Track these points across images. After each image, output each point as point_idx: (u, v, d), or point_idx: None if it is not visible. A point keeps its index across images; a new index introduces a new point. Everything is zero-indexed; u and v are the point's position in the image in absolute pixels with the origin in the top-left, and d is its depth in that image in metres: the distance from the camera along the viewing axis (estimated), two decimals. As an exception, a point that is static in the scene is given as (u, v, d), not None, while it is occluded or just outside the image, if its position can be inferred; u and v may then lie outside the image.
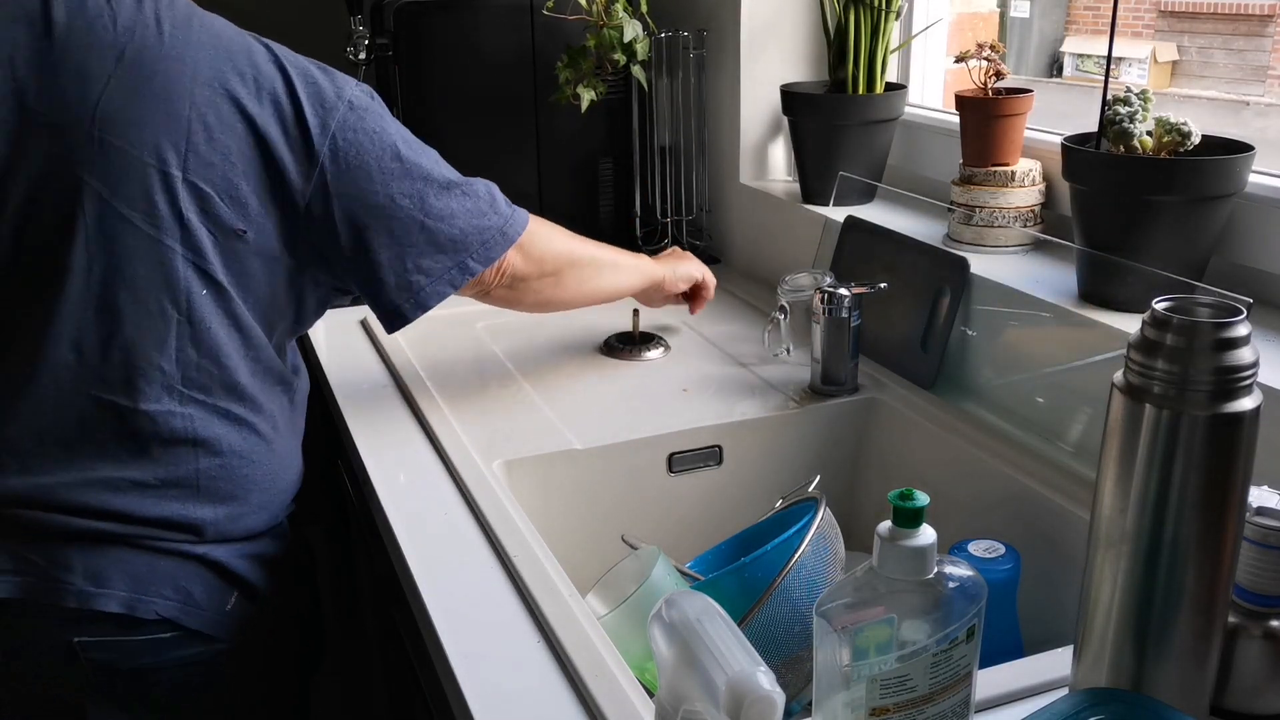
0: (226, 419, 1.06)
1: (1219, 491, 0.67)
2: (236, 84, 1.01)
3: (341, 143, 1.05)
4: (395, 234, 1.09)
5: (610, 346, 1.48)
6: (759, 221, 1.73)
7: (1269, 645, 0.73)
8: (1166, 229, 1.08)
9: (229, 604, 1.08)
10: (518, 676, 0.83)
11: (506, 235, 1.17)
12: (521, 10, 1.71)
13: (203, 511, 1.05)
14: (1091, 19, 7.42)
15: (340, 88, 1.07)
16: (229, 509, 1.07)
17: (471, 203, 1.14)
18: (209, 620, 1.06)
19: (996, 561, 0.96)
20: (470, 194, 1.14)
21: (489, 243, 1.15)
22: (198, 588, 1.05)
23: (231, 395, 1.06)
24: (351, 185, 1.06)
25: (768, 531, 1.06)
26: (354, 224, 1.07)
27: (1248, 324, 0.66)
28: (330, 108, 1.05)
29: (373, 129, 1.07)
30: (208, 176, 1.00)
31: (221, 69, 1.02)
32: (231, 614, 1.08)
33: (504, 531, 1.00)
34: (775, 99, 1.67)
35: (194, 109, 0.99)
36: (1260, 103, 6.74)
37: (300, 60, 1.08)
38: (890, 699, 0.66)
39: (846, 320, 1.27)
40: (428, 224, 1.10)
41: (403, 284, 1.11)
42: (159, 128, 0.99)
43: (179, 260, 1.00)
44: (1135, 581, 0.70)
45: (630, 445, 1.22)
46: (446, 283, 1.14)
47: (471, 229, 1.14)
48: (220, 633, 1.07)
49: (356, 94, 1.08)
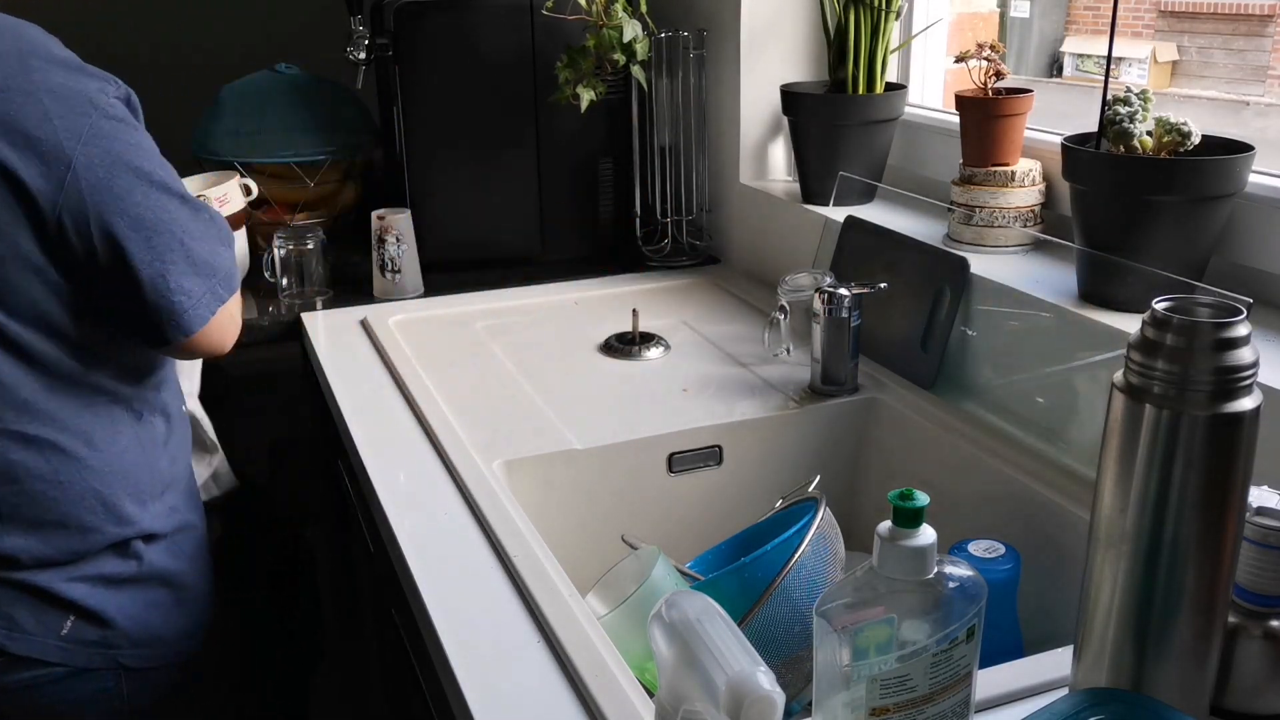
0: (21, 442, 1.02)
1: (1219, 491, 0.67)
2: None
3: (95, 150, 1.00)
4: (156, 248, 1.04)
5: (610, 346, 1.48)
6: (759, 221, 1.73)
7: (1269, 645, 0.73)
8: (1166, 229, 1.08)
9: (63, 629, 1.05)
10: (518, 676, 0.83)
11: (233, 281, 1.15)
12: (521, 10, 1.71)
13: (10, 540, 1.02)
14: (1091, 19, 7.42)
15: (95, 95, 1.02)
16: (41, 535, 1.03)
17: (215, 230, 1.12)
18: (39, 645, 1.04)
19: (996, 561, 0.96)
20: (215, 223, 1.12)
21: (231, 274, 1.13)
22: (22, 613, 1.03)
23: (22, 415, 1.02)
24: (107, 195, 1.01)
25: (768, 531, 1.06)
26: (110, 235, 1.02)
27: (1248, 324, 0.66)
28: (83, 113, 1.00)
29: (129, 140, 1.03)
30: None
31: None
32: (71, 637, 1.05)
33: (504, 531, 1.00)
34: (775, 99, 1.67)
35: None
36: (1260, 103, 6.74)
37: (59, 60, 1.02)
38: (890, 699, 0.66)
39: (846, 320, 1.27)
40: (186, 242, 1.07)
41: (165, 304, 1.06)
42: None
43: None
44: (1135, 581, 0.70)
45: (630, 445, 1.22)
46: (205, 307, 1.09)
47: (220, 254, 1.12)
48: (57, 657, 1.04)
49: (112, 102, 1.03)
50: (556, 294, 1.71)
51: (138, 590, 1.11)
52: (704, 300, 1.67)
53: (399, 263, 1.68)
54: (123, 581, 1.09)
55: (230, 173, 1.75)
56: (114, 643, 1.08)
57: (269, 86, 1.92)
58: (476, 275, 1.77)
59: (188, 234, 1.07)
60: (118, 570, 1.09)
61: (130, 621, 1.09)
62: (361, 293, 1.71)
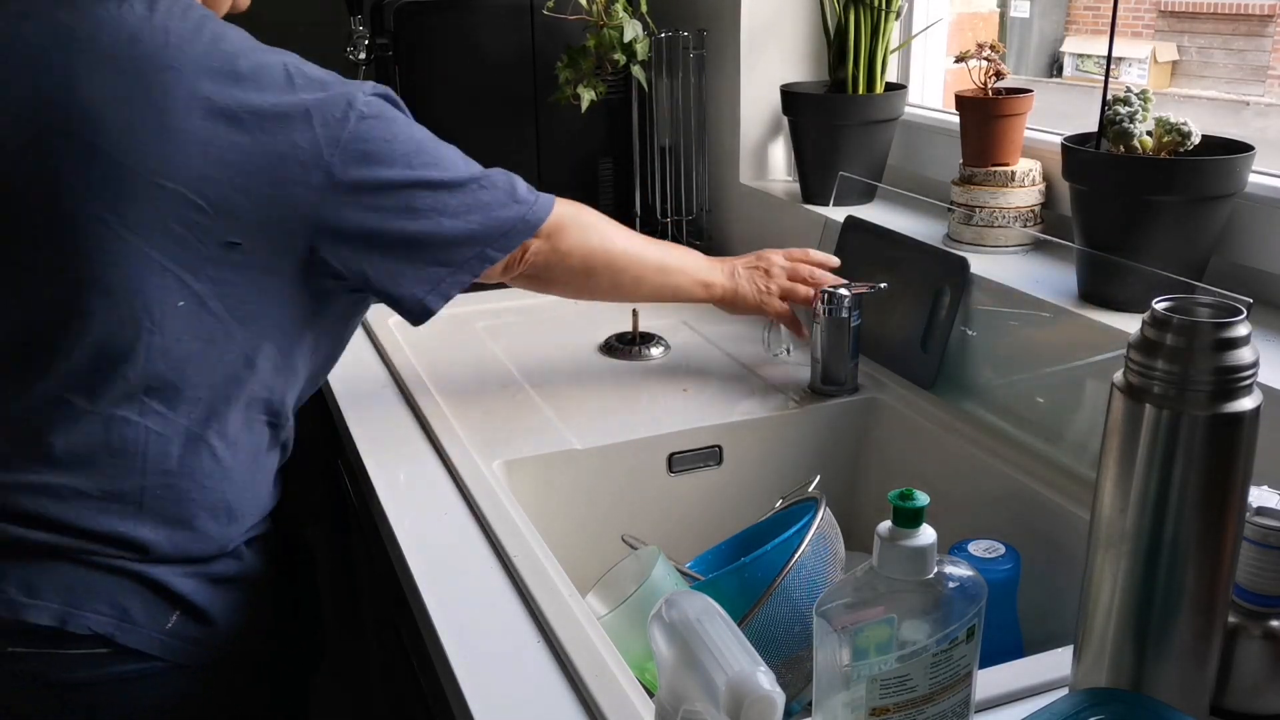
0: (181, 436, 1.03)
1: (1219, 491, 0.67)
2: (236, 97, 0.99)
3: (353, 153, 1.03)
4: (413, 238, 1.08)
5: (610, 346, 1.48)
6: (759, 221, 1.73)
7: (1269, 645, 0.73)
8: (1166, 229, 1.08)
9: (169, 623, 1.05)
10: (518, 676, 0.83)
11: (528, 222, 1.16)
12: (521, 10, 1.71)
13: (143, 531, 1.02)
14: (1091, 19, 7.42)
15: (351, 96, 1.05)
16: (171, 531, 1.04)
17: (489, 194, 1.13)
18: (146, 639, 1.03)
19: (996, 561, 0.96)
20: (488, 186, 1.14)
21: (509, 232, 1.15)
22: (135, 605, 1.03)
23: (194, 413, 1.03)
24: (365, 195, 1.04)
25: (768, 531, 1.06)
26: (369, 234, 1.05)
27: (1248, 324, 0.66)
28: (340, 119, 1.03)
29: (383, 136, 1.05)
30: (199, 188, 0.97)
31: (223, 82, 0.99)
32: (173, 633, 1.05)
33: (504, 531, 1.00)
34: (775, 99, 1.67)
35: (190, 122, 0.97)
36: (1260, 103, 6.74)
37: (310, 70, 1.06)
38: (890, 699, 0.66)
39: (846, 320, 1.27)
40: (445, 224, 1.09)
41: (421, 277, 1.10)
42: (150, 137, 0.97)
43: (156, 268, 0.98)
44: (1135, 581, 0.70)
45: (630, 445, 1.22)
46: (466, 271, 1.13)
47: (491, 221, 1.13)
48: (160, 651, 1.04)
49: (368, 101, 1.06)
50: (556, 294, 1.71)
51: (235, 590, 1.11)
52: (704, 300, 1.67)
53: (399, 263, 1.67)
54: (225, 581, 1.10)
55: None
56: (210, 641, 1.09)
57: (269, 86, 1.92)
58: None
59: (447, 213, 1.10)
60: (224, 570, 1.10)
61: (225, 621, 1.10)
62: (361, 293, 1.70)
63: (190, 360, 1.01)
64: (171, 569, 1.05)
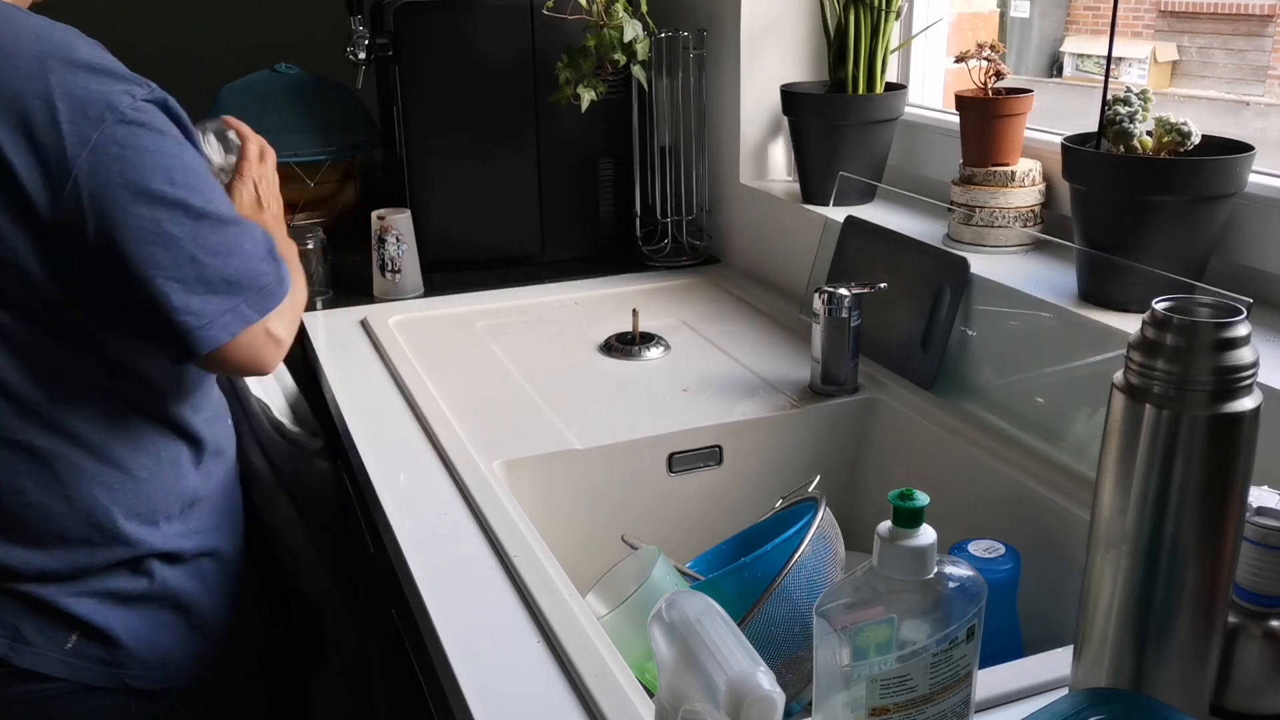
0: (26, 452, 0.99)
1: (1219, 491, 0.67)
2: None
3: (103, 158, 0.94)
4: (162, 265, 0.98)
5: (610, 346, 1.48)
6: (759, 221, 1.73)
7: (1269, 645, 0.73)
8: (1166, 229, 1.08)
9: (68, 643, 1.03)
10: (518, 676, 0.83)
11: (268, 301, 1.06)
12: (521, 10, 1.71)
13: (13, 554, 1.00)
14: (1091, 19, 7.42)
15: (114, 97, 0.96)
16: (44, 549, 1.01)
17: (250, 244, 1.04)
18: (43, 660, 1.02)
19: (996, 561, 0.96)
20: (248, 235, 1.05)
21: (265, 291, 1.05)
22: (27, 625, 1.01)
23: (30, 425, 0.99)
24: (112, 206, 0.95)
25: (768, 531, 1.06)
26: (115, 250, 0.96)
27: (1248, 324, 0.66)
28: (96, 119, 0.94)
29: (146, 146, 0.96)
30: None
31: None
32: (75, 653, 1.03)
33: (504, 531, 1.00)
34: (775, 99, 1.67)
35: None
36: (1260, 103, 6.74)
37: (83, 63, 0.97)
38: (890, 699, 0.66)
39: (846, 320, 1.27)
40: (199, 258, 0.99)
41: (171, 323, 1.00)
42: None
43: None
44: (1135, 581, 0.70)
45: (630, 445, 1.22)
46: (221, 328, 1.02)
47: (249, 272, 1.03)
48: (63, 673, 1.03)
49: (135, 105, 0.97)
50: (556, 294, 1.71)
51: (148, 610, 1.08)
52: (704, 300, 1.67)
53: (399, 263, 1.68)
54: (131, 599, 1.06)
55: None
56: (120, 662, 1.06)
57: (269, 86, 1.93)
58: (476, 275, 1.77)
59: (203, 249, 0.99)
60: (126, 587, 1.06)
61: (137, 641, 1.07)
62: (361, 293, 1.71)
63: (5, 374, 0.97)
64: (60, 588, 1.02)
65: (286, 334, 1.10)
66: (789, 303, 1.61)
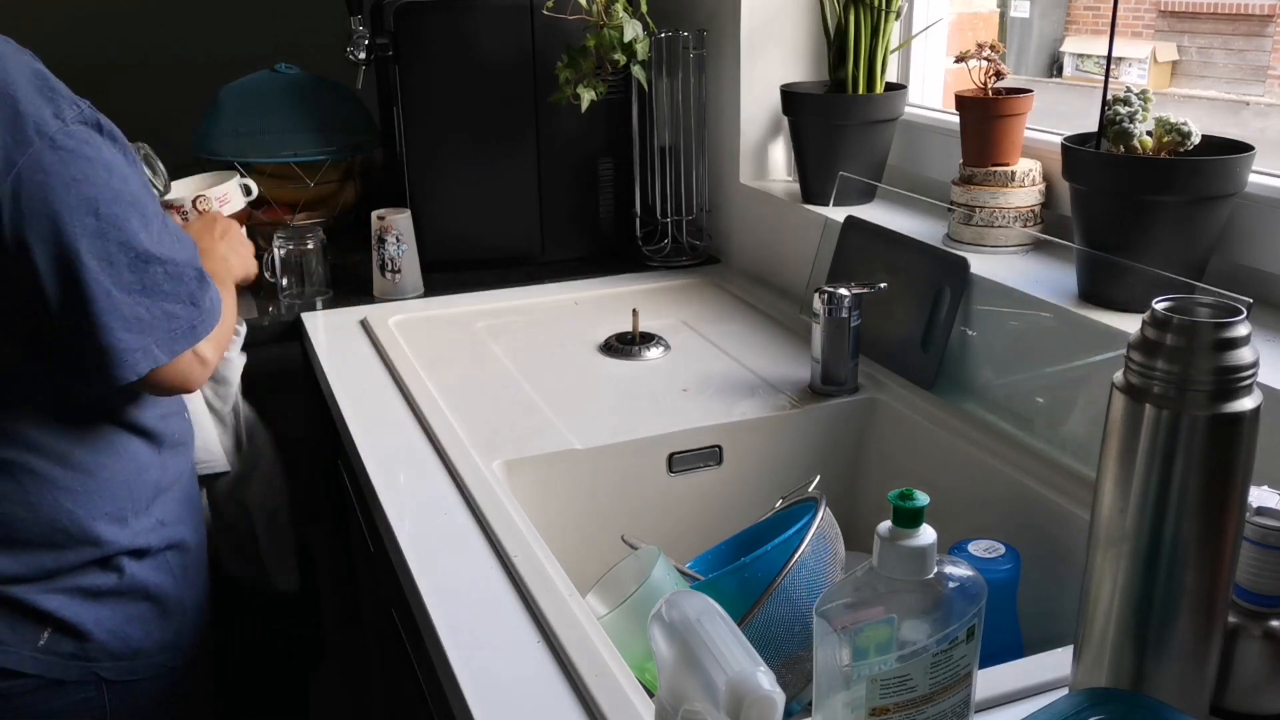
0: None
1: (1219, 491, 0.67)
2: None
3: (28, 184, 0.92)
4: (73, 300, 0.96)
5: (610, 346, 1.48)
6: (759, 221, 1.73)
7: (1269, 645, 0.73)
8: (1166, 229, 1.08)
9: (40, 640, 1.04)
10: (517, 676, 0.83)
11: (196, 331, 1.06)
12: (521, 10, 1.71)
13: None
14: (1091, 19, 7.42)
15: (44, 122, 0.93)
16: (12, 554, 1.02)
17: (170, 285, 1.02)
18: (15, 656, 1.02)
19: (996, 561, 0.96)
20: (171, 271, 1.02)
21: (176, 334, 1.03)
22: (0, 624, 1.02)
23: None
24: (32, 233, 0.93)
25: (768, 531, 1.06)
26: (36, 279, 0.95)
27: (1248, 324, 0.66)
28: (23, 141, 0.92)
29: (73, 175, 0.94)
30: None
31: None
32: (47, 649, 1.04)
33: (504, 531, 1.00)
34: (775, 99, 1.67)
35: None
36: (1260, 103, 6.74)
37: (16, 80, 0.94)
38: (890, 699, 0.66)
39: (846, 320, 1.27)
40: (115, 295, 0.98)
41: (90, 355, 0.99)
42: None
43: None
44: (1135, 581, 0.70)
45: (630, 445, 1.22)
46: (129, 367, 1.00)
47: (162, 314, 1.01)
48: (35, 669, 1.03)
49: (68, 131, 0.94)
50: (556, 294, 1.71)
51: (117, 603, 1.09)
52: (704, 300, 1.67)
53: (399, 263, 1.68)
54: (102, 594, 1.07)
55: (230, 173, 1.75)
56: (91, 655, 1.07)
57: (269, 86, 1.93)
58: (476, 275, 1.77)
59: (120, 285, 0.98)
60: (96, 583, 1.07)
61: (108, 634, 1.08)
62: (361, 293, 1.71)
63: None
64: (31, 587, 1.03)
65: (214, 356, 1.10)
66: (789, 303, 1.61)
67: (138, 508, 1.11)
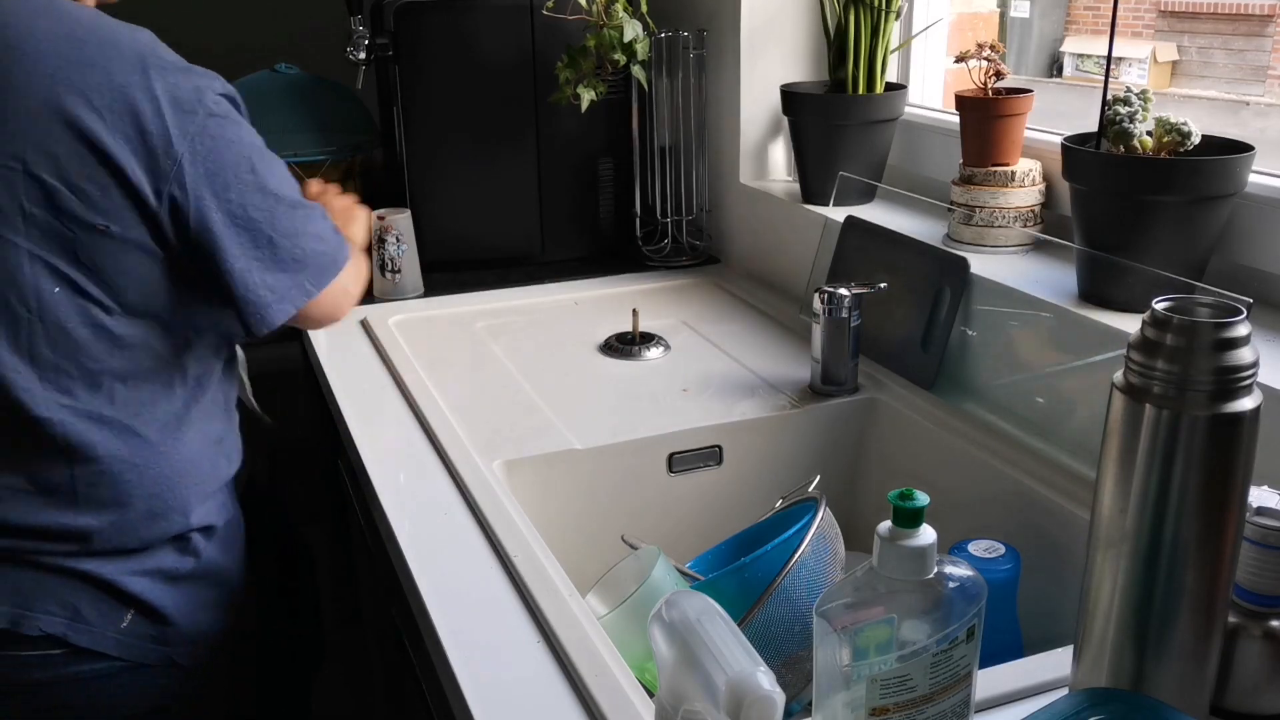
0: (98, 422, 1.04)
1: (1219, 491, 0.67)
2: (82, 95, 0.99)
3: (200, 148, 1.04)
4: (244, 245, 1.08)
5: (610, 346, 1.48)
6: (759, 221, 1.73)
7: (1269, 645, 0.73)
8: (1166, 229, 1.08)
9: (123, 622, 1.06)
10: (517, 676, 0.83)
11: (337, 263, 1.18)
12: (521, 10, 1.71)
13: (84, 519, 1.03)
14: (1091, 19, 7.42)
15: (201, 92, 1.05)
16: (113, 516, 1.05)
17: (314, 226, 1.15)
18: (100, 638, 1.04)
19: (996, 561, 0.96)
20: (311, 217, 1.16)
21: (324, 268, 1.16)
22: (86, 605, 1.04)
23: (101, 397, 1.04)
24: (206, 191, 1.04)
25: (768, 531, 1.06)
26: (207, 231, 1.06)
27: (1248, 324, 0.66)
28: (189, 111, 1.03)
29: (231, 137, 1.07)
30: (56, 171, 0.98)
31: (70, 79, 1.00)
32: (129, 632, 1.06)
33: (504, 531, 1.00)
34: (775, 99, 1.67)
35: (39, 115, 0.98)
36: (1260, 103, 6.74)
37: (165, 59, 1.06)
38: (890, 699, 0.66)
39: (846, 320, 1.27)
40: (276, 240, 1.10)
41: (249, 298, 1.10)
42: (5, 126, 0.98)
43: (24, 256, 0.99)
44: (1135, 581, 0.70)
45: (630, 445, 1.22)
46: (289, 302, 1.13)
47: (312, 252, 1.14)
48: (117, 651, 1.05)
49: (217, 99, 1.06)
50: (556, 294, 1.71)
51: (193, 588, 1.12)
52: (704, 300, 1.67)
53: (399, 263, 1.68)
54: (180, 578, 1.11)
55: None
56: (170, 639, 1.10)
57: (269, 86, 1.92)
58: (476, 275, 1.77)
59: (278, 230, 1.10)
60: (176, 566, 1.11)
61: (186, 619, 1.11)
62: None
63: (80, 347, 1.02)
64: (120, 565, 1.06)
65: (356, 288, 1.28)
66: (789, 303, 1.61)
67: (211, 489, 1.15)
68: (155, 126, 1.01)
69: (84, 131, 0.99)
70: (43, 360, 1.01)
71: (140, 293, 1.05)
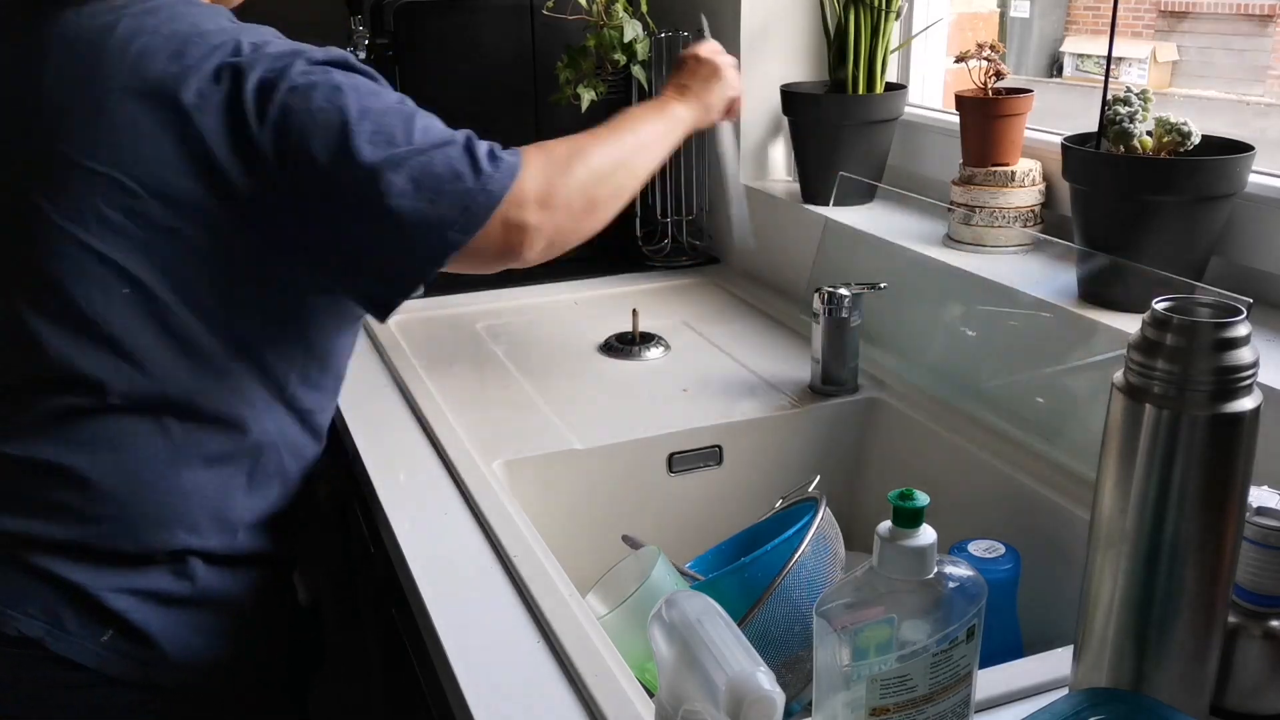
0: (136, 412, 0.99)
1: (1219, 491, 0.67)
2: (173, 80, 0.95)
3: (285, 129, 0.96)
4: (360, 218, 0.99)
5: (610, 346, 1.48)
6: (759, 221, 1.73)
7: (1269, 645, 0.73)
8: (1166, 229, 1.08)
9: (104, 637, 1.02)
10: (518, 676, 0.83)
11: (490, 194, 1.02)
12: (521, 10, 1.71)
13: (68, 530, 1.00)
14: (1091, 19, 7.43)
15: (300, 48, 1.00)
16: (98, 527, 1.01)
17: (442, 165, 1.00)
18: (79, 648, 1.00)
19: (996, 561, 0.96)
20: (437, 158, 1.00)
21: (471, 208, 1.01)
22: (68, 614, 1.00)
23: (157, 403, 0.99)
24: (301, 171, 0.97)
25: (768, 531, 1.06)
26: (313, 214, 0.98)
27: (1248, 324, 0.66)
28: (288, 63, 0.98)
29: (319, 107, 0.97)
30: (132, 171, 0.94)
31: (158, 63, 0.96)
32: (109, 647, 1.02)
33: (504, 531, 1.00)
34: (775, 99, 1.67)
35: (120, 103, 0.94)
36: (1260, 103, 6.74)
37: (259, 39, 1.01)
38: (890, 699, 0.66)
39: (846, 320, 1.27)
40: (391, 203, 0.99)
41: (377, 271, 1.02)
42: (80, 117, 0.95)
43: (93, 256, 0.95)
44: (1135, 581, 0.70)
45: (630, 445, 1.22)
46: (428, 261, 1.01)
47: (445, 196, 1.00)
48: (96, 664, 1.01)
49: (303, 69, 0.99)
50: (556, 294, 1.71)
51: (185, 612, 1.06)
52: (704, 300, 1.67)
53: (399, 263, 1.67)
54: (172, 602, 1.05)
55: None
56: (150, 661, 1.04)
57: (269, 86, 1.92)
58: (476, 275, 1.77)
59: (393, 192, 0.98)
60: (169, 589, 1.04)
61: (173, 644, 1.05)
62: (361, 293, 1.71)
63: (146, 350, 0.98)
64: (104, 579, 1.01)
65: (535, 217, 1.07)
66: (789, 303, 1.61)
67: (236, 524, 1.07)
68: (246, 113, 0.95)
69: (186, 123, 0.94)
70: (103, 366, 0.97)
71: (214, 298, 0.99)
